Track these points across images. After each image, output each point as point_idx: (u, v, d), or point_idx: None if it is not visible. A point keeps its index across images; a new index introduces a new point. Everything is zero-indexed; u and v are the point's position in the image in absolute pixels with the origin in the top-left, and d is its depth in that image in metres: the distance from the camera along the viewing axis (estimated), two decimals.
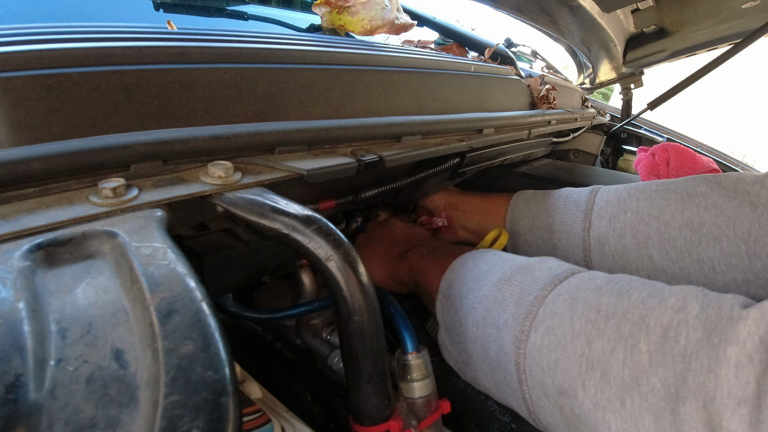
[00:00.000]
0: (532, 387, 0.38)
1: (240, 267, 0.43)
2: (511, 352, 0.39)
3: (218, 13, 0.95)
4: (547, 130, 0.93)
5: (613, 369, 0.32)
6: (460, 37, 1.11)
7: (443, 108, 0.69)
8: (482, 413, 0.58)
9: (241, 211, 0.32)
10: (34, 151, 0.28)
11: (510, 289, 0.42)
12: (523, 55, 1.68)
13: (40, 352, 0.19)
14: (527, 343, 0.38)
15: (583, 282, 0.38)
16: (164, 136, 0.34)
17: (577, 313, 0.36)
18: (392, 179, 0.58)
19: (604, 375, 0.32)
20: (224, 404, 0.18)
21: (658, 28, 1.14)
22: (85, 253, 0.25)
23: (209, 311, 0.22)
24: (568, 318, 0.36)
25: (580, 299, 0.37)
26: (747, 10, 0.97)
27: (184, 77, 0.39)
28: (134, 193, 0.30)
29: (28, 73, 0.31)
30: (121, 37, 0.40)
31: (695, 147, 1.66)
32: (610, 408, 0.31)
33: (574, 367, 0.34)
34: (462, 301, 0.45)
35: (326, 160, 0.42)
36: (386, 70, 0.60)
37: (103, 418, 0.18)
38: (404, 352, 0.48)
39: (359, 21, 0.86)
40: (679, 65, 1.45)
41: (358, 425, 0.37)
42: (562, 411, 0.35)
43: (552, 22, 1.09)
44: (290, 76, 0.48)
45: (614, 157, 1.61)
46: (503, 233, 0.66)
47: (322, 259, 0.32)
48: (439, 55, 0.87)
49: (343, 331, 0.34)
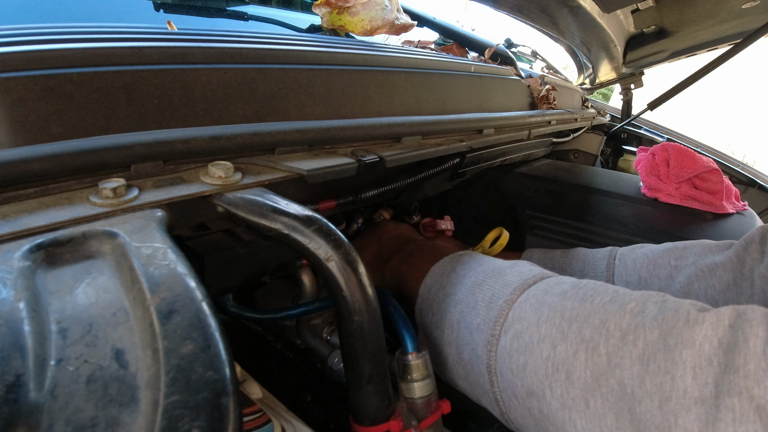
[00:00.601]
0: (503, 389, 0.39)
1: (240, 267, 0.43)
2: (483, 356, 0.40)
3: (218, 13, 0.95)
4: (547, 131, 0.93)
5: (576, 371, 0.33)
6: (460, 37, 1.11)
7: (443, 108, 0.69)
8: (482, 413, 0.58)
9: (241, 212, 0.32)
10: (34, 151, 0.28)
11: (482, 293, 0.42)
12: (523, 56, 1.69)
13: (41, 352, 0.19)
14: (497, 346, 0.39)
15: (550, 286, 0.39)
16: (164, 137, 0.34)
17: (543, 317, 0.37)
18: (392, 180, 0.58)
19: (569, 377, 0.33)
20: (225, 404, 0.18)
21: (658, 28, 1.14)
22: (85, 254, 0.25)
23: (209, 311, 0.22)
24: (535, 322, 0.37)
25: (546, 303, 0.38)
26: (747, 10, 0.97)
27: (185, 77, 0.39)
28: (134, 193, 0.30)
29: (29, 73, 0.31)
30: (122, 37, 0.40)
31: (695, 147, 1.66)
32: (575, 408, 0.32)
33: (541, 370, 0.35)
34: (439, 305, 0.46)
35: (326, 161, 0.42)
36: (386, 70, 0.60)
37: (103, 418, 0.18)
38: (404, 353, 0.48)
39: (359, 21, 0.86)
40: (679, 65, 1.45)
41: (359, 425, 0.37)
42: (531, 412, 0.36)
43: (552, 22, 1.09)
44: (290, 77, 0.48)
45: (614, 158, 1.61)
46: (504, 233, 0.66)
47: (322, 260, 0.32)
48: (439, 55, 0.87)
49: (343, 332, 0.34)
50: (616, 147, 1.62)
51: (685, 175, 0.82)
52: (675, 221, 0.74)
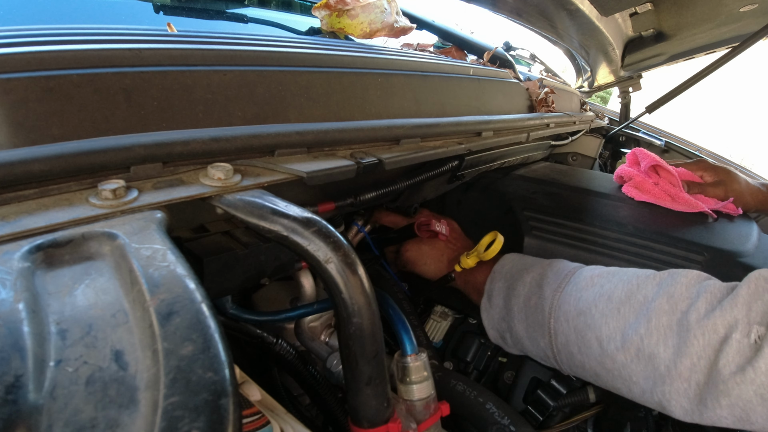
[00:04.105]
0: (557, 318, 0.57)
1: (239, 269, 0.43)
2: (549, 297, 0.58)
3: (218, 15, 0.95)
4: (545, 134, 0.94)
5: (615, 294, 0.53)
6: (459, 40, 1.12)
7: (442, 111, 0.69)
8: (481, 416, 0.58)
9: (240, 213, 0.32)
10: (34, 152, 0.28)
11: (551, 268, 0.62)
12: (522, 59, 1.69)
13: (40, 353, 0.19)
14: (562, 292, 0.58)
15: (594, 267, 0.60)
16: (164, 138, 0.34)
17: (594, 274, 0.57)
18: (391, 182, 0.58)
19: (609, 298, 0.53)
20: (224, 405, 0.18)
21: (656, 31, 1.14)
22: (84, 255, 0.25)
23: (209, 313, 0.22)
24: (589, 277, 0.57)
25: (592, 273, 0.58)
26: (745, 13, 0.98)
27: (184, 79, 0.39)
28: (134, 194, 0.30)
29: (29, 74, 0.31)
30: (122, 39, 0.40)
31: (694, 150, 1.66)
32: (611, 315, 0.52)
33: (590, 297, 0.55)
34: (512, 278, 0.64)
35: (326, 163, 0.42)
36: (385, 73, 0.60)
37: (102, 419, 0.18)
38: (403, 355, 0.48)
39: (359, 24, 0.86)
40: (677, 68, 1.45)
41: (357, 427, 0.37)
42: (576, 328, 0.54)
43: (551, 25, 1.10)
44: (290, 79, 0.48)
45: (612, 160, 1.61)
46: (498, 238, 0.66)
47: (322, 262, 0.32)
48: (438, 58, 0.87)
49: (342, 334, 0.34)
50: (614, 150, 1.62)
51: (651, 161, 0.84)
52: (673, 223, 0.74)
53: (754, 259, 0.66)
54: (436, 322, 0.80)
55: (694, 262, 0.66)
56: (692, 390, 0.46)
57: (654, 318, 0.49)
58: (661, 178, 0.85)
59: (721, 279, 0.63)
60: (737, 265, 0.64)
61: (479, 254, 0.67)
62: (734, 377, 0.43)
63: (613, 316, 0.52)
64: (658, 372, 0.48)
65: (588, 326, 0.53)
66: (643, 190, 0.84)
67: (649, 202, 0.82)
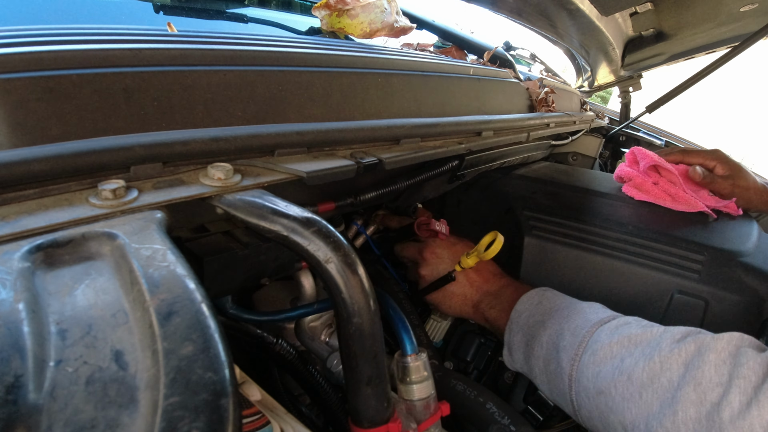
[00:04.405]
0: (577, 392, 0.53)
1: (239, 269, 0.43)
2: (567, 368, 0.54)
3: (218, 15, 0.95)
4: (545, 133, 0.93)
5: (636, 374, 0.48)
6: (459, 40, 1.12)
7: (442, 111, 0.69)
8: (481, 416, 0.58)
9: (240, 213, 0.32)
10: (34, 152, 0.28)
11: (568, 324, 0.57)
12: (522, 59, 1.69)
13: (40, 353, 0.19)
14: (579, 362, 0.53)
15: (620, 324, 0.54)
16: (164, 138, 0.34)
17: (614, 341, 0.52)
18: (391, 182, 0.58)
19: (630, 378, 0.48)
20: (224, 405, 0.18)
21: (656, 31, 1.14)
22: (84, 255, 0.25)
23: (209, 313, 0.22)
24: (608, 344, 0.52)
25: (617, 332, 0.53)
26: (745, 13, 0.98)
27: (184, 79, 0.39)
28: (134, 194, 0.30)
29: (29, 74, 0.31)
30: (122, 39, 0.40)
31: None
32: (632, 399, 0.47)
33: (610, 375, 0.50)
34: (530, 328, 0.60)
35: (325, 162, 0.42)
36: (385, 72, 0.60)
37: (102, 419, 0.18)
38: (403, 354, 0.48)
39: (359, 24, 0.86)
40: (677, 68, 1.45)
41: (357, 427, 0.37)
42: (598, 407, 0.50)
43: (551, 25, 1.10)
44: (290, 79, 0.48)
45: (613, 160, 1.61)
46: (498, 238, 0.66)
47: (322, 261, 0.32)
48: (438, 58, 0.87)
49: (342, 333, 0.34)
50: (614, 150, 1.62)
51: (650, 161, 0.84)
52: (673, 222, 0.74)
53: (754, 259, 0.66)
54: (436, 322, 0.80)
55: (694, 262, 0.66)
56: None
57: (681, 411, 0.44)
58: (661, 177, 0.85)
59: (721, 279, 0.63)
60: (737, 264, 0.64)
61: (479, 254, 0.67)
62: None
63: (635, 401, 0.47)
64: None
65: (610, 409, 0.49)
66: (643, 190, 0.84)
67: (649, 201, 0.82)
